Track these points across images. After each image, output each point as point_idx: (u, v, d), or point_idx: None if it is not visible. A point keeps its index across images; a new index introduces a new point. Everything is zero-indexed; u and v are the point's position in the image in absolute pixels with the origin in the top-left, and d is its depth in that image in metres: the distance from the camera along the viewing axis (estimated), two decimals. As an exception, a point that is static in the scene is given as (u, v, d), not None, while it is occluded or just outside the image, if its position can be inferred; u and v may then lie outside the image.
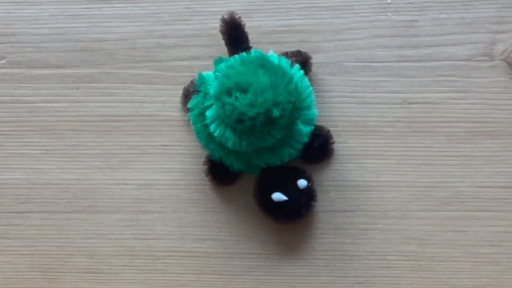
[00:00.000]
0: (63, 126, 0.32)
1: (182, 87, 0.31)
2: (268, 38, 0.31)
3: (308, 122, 0.30)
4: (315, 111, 0.30)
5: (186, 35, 0.32)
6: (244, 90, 0.28)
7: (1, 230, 0.31)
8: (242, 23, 0.30)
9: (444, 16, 0.32)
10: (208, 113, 0.29)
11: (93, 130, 0.32)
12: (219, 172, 0.30)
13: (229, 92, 0.28)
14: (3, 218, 0.31)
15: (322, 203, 0.31)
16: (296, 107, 0.29)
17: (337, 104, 0.31)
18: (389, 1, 0.32)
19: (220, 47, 0.31)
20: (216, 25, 0.30)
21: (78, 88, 0.32)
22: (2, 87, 0.32)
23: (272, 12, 0.32)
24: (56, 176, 0.31)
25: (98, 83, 0.32)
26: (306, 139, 0.30)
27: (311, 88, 0.30)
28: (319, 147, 0.31)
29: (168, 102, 0.32)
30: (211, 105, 0.29)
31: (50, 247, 0.31)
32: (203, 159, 0.31)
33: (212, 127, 0.29)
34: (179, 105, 0.31)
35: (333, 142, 0.31)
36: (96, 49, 0.32)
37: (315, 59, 0.31)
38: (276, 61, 0.29)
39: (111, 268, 0.31)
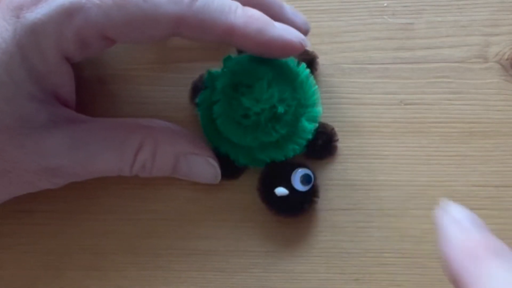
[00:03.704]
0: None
1: (183, 88, 0.31)
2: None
3: (312, 119, 0.30)
4: (319, 109, 0.30)
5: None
6: (250, 86, 0.28)
7: (6, 228, 0.31)
8: None
9: (439, 19, 0.32)
10: (215, 108, 0.29)
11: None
12: (225, 166, 0.30)
13: (235, 88, 0.29)
14: (8, 216, 0.31)
15: (321, 202, 0.31)
16: (301, 104, 0.29)
17: (335, 105, 0.32)
18: (385, 4, 0.32)
19: (221, 49, 0.31)
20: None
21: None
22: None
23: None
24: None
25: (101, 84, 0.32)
26: (310, 136, 0.30)
27: (316, 86, 0.30)
28: (323, 144, 0.31)
29: (170, 103, 0.32)
30: (219, 100, 0.29)
31: (54, 245, 0.31)
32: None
33: (218, 122, 0.29)
34: (181, 106, 0.31)
35: (337, 140, 0.31)
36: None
37: (313, 61, 0.32)
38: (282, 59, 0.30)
39: (114, 265, 0.31)
